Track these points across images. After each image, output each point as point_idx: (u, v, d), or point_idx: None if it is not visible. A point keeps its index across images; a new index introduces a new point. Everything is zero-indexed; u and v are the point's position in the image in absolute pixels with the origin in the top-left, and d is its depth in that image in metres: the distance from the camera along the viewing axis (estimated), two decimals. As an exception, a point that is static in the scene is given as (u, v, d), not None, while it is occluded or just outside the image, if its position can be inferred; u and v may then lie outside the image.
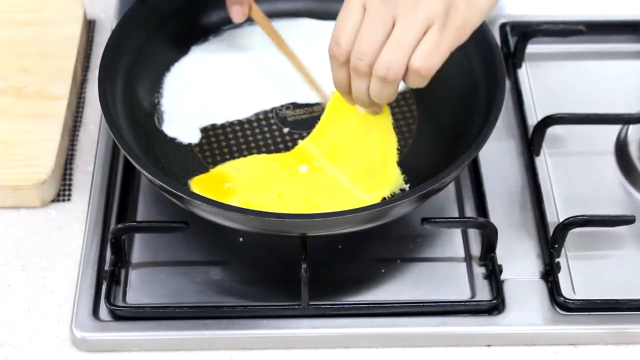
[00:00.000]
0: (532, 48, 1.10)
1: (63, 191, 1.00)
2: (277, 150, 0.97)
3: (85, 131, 1.06)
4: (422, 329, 0.89)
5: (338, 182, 0.92)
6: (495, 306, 0.90)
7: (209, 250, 0.96)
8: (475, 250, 0.95)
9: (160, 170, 0.92)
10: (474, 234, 0.96)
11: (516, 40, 1.10)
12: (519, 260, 0.94)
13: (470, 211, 0.98)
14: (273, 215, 0.84)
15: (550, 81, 1.10)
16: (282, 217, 0.84)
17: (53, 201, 1.00)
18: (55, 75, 1.06)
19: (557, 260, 0.92)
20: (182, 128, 0.99)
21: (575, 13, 1.14)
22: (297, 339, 0.89)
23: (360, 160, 0.92)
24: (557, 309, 0.90)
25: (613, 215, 0.93)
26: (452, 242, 0.96)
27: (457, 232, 0.97)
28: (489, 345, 0.90)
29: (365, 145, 0.93)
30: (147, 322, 0.89)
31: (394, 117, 0.98)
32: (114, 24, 1.07)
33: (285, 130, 0.99)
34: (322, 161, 0.93)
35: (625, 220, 0.92)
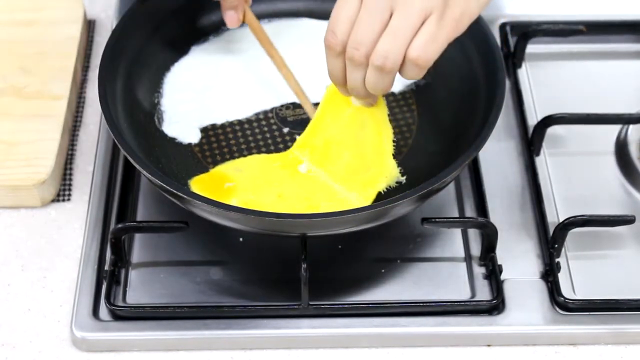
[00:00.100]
0: (532, 48, 1.10)
1: (63, 191, 1.00)
2: (277, 150, 0.97)
3: (85, 131, 1.06)
4: (422, 329, 0.89)
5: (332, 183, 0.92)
6: (495, 306, 0.90)
7: (209, 250, 0.96)
8: (475, 250, 0.95)
9: (160, 170, 0.92)
10: (474, 234, 0.96)
11: (516, 40, 1.10)
12: (519, 260, 0.94)
13: (470, 211, 0.98)
14: (273, 215, 0.84)
15: (550, 81, 1.10)
16: (282, 217, 0.84)
17: (53, 201, 1.00)
18: (55, 75, 1.06)
19: (557, 260, 0.92)
20: (182, 128, 0.99)
21: (575, 13, 1.14)
22: (297, 339, 0.89)
23: (355, 155, 0.92)
24: (557, 309, 0.90)
25: (613, 215, 0.93)
26: (452, 242, 0.96)
27: (457, 232, 0.96)
28: (489, 345, 0.90)
29: (359, 138, 0.92)
30: (147, 322, 0.89)
31: (394, 118, 0.98)
32: (114, 24, 1.07)
33: (285, 130, 0.99)
34: (320, 155, 0.93)
35: (625, 220, 0.92)
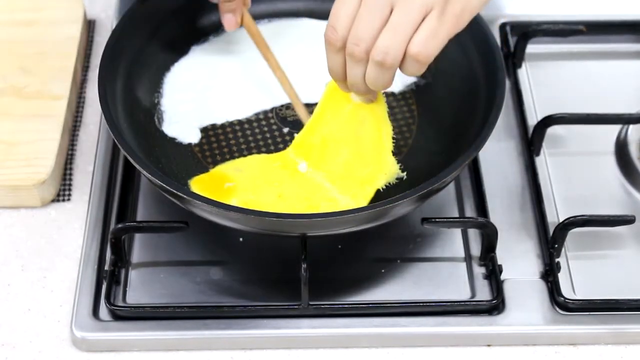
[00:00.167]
0: (532, 48, 1.10)
1: (63, 191, 1.00)
2: (277, 150, 0.97)
3: (85, 131, 1.06)
4: (422, 329, 0.89)
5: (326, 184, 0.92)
6: (495, 306, 0.90)
7: (209, 250, 0.96)
8: (475, 250, 0.95)
9: (160, 170, 0.92)
10: (474, 234, 0.96)
11: (516, 40, 1.10)
12: (519, 260, 0.94)
13: (470, 211, 0.98)
14: (273, 215, 0.84)
15: (550, 81, 1.10)
16: (282, 217, 0.84)
17: (53, 201, 1.00)
18: (55, 75, 1.06)
19: (557, 260, 0.92)
20: (182, 128, 0.99)
21: (575, 13, 1.14)
22: (297, 339, 0.89)
23: (354, 151, 0.91)
24: (557, 309, 0.90)
25: (613, 215, 0.93)
26: (452, 242, 0.96)
27: (457, 232, 0.96)
28: (489, 345, 0.90)
29: (359, 134, 0.91)
30: (147, 322, 0.89)
31: (394, 117, 0.98)
32: (114, 24, 1.07)
33: (285, 130, 0.99)
34: (318, 152, 0.92)
35: (625, 220, 0.92)
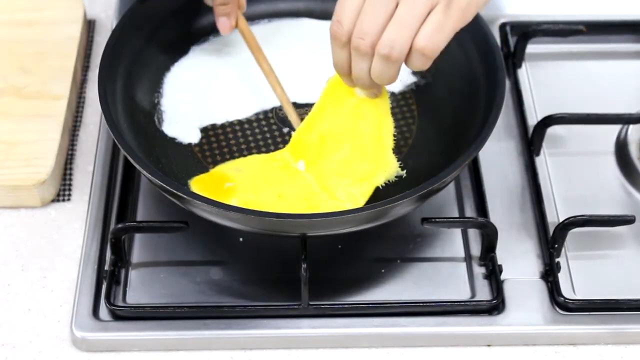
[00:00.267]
0: (532, 48, 1.10)
1: (63, 191, 1.00)
2: (277, 150, 0.97)
3: (85, 131, 1.06)
4: (422, 329, 0.89)
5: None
6: (495, 306, 0.90)
7: (209, 250, 0.96)
8: (475, 250, 0.95)
9: (160, 170, 0.92)
10: (474, 234, 0.96)
11: (516, 40, 1.10)
12: (519, 260, 0.94)
13: (470, 211, 0.98)
14: (273, 215, 0.84)
15: (550, 81, 1.10)
16: (282, 217, 0.84)
17: (53, 201, 1.00)
18: (55, 75, 1.06)
19: (557, 260, 0.92)
20: (182, 128, 0.99)
21: (575, 13, 1.14)
22: (297, 339, 0.89)
23: (354, 147, 0.91)
24: (557, 309, 0.90)
25: (613, 215, 0.93)
26: (452, 242, 0.96)
27: (457, 232, 0.96)
28: (489, 345, 0.90)
29: (360, 130, 0.91)
30: (147, 322, 0.89)
31: (394, 118, 0.98)
32: (114, 24, 1.07)
33: (285, 130, 0.99)
34: (315, 149, 0.92)
35: (625, 220, 0.92)
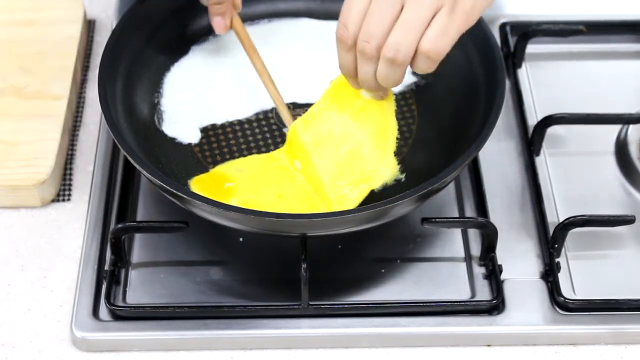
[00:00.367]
0: (532, 48, 1.10)
1: (63, 191, 1.00)
2: (276, 150, 0.97)
3: (85, 131, 1.06)
4: (422, 329, 0.89)
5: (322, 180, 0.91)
6: (495, 306, 0.90)
7: (209, 250, 0.95)
8: (475, 250, 0.95)
9: (160, 170, 0.92)
10: (474, 234, 0.96)
11: (516, 40, 1.10)
12: (519, 260, 0.94)
13: (470, 211, 0.98)
14: (273, 215, 0.84)
15: (550, 81, 1.10)
16: (282, 217, 0.84)
17: (53, 201, 1.00)
18: (55, 75, 1.06)
19: (557, 260, 0.92)
20: (182, 128, 0.99)
21: (575, 13, 1.14)
22: (297, 339, 0.89)
23: (355, 150, 0.91)
24: (557, 309, 0.90)
25: (613, 215, 0.93)
26: (452, 242, 0.96)
27: (457, 232, 0.96)
28: (489, 345, 0.90)
29: (364, 132, 0.91)
30: (147, 322, 0.89)
31: (394, 117, 0.98)
32: (114, 24, 1.07)
33: (285, 130, 0.99)
34: (310, 149, 0.92)
35: (625, 220, 0.92)
